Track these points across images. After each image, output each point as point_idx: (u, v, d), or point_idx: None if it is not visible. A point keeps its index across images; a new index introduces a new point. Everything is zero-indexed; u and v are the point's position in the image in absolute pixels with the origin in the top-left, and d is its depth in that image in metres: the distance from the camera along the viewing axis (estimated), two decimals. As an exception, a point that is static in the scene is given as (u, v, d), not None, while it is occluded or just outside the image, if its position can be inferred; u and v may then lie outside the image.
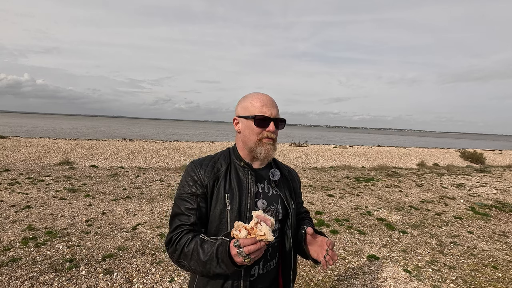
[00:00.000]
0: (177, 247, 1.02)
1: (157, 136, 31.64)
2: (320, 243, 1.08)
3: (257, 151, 1.12)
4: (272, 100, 1.14)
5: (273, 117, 1.11)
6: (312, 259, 1.11)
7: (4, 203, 4.92)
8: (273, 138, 1.12)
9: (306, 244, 1.12)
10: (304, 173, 9.77)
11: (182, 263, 1.02)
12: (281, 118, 1.15)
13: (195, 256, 0.97)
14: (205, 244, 0.97)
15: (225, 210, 1.07)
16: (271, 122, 1.10)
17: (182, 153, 12.42)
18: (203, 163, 1.14)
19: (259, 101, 1.12)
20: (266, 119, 1.10)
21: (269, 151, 1.11)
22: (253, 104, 1.12)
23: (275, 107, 1.13)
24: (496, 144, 53.33)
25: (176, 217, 1.09)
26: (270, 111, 1.10)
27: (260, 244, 0.85)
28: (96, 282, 2.83)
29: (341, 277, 3.19)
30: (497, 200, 7.16)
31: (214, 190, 1.09)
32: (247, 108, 1.13)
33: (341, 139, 45.51)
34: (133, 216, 4.72)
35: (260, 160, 1.15)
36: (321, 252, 1.06)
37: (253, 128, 1.11)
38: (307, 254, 1.12)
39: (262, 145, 1.11)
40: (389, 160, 14.74)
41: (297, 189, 1.31)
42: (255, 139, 1.11)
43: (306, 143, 19.59)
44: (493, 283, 3.21)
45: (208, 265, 0.94)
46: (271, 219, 0.92)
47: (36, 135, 19.25)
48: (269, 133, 1.10)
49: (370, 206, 6.08)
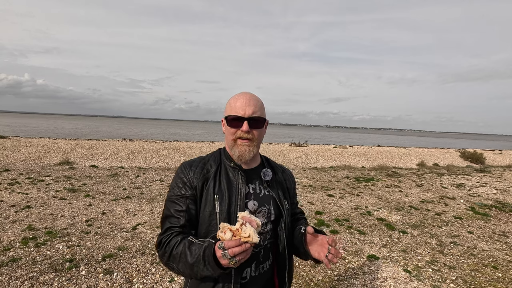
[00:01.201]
0: (166, 250, 1.01)
1: (157, 136, 31.64)
2: (321, 241, 1.05)
3: (232, 152, 1.11)
4: (252, 99, 1.09)
5: (247, 116, 1.06)
6: (313, 259, 1.07)
7: (4, 203, 4.92)
8: (248, 138, 1.08)
9: (307, 244, 1.08)
10: (304, 173, 9.77)
11: (171, 266, 1.01)
12: (256, 117, 1.08)
13: (183, 258, 0.96)
14: (192, 246, 0.95)
15: (215, 212, 1.05)
16: (244, 122, 1.06)
17: (182, 153, 12.42)
18: (192, 165, 1.13)
19: (236, 101, 1.09)
20: (238, 119, 1.07)
21: (244, 152, 1.08)
22: (231, 104, 1.10)
23: (252, 106, 1.07)
24: (496, 144, 53.34)
25: (166, 219, 1.08)
26: (244, 111, 1.06)
27: (245, 246, 0.84)
28: (96, 282, 2.83)
29: (341, 277, 3.19)
30: (497, 200, 7.16)
31: (204, 191, 1.08)
32: (226, 108, 1.13)
33: (341, 139, 45.52)
34: (133, 216, 4.72)
35: (237, 160, 1.12)
36: (323, 251, 1.03)
37: (228, 128, 1.10)
38: (308, 254, 1.08)
39: (237, 146, 1.09)
40: (389, 160, 14.73)
41: (291, 189, 1.29)
42: (230, 140, 1.10)
43: (306, 143, 19.59)
44: (493, 283, 3.21)
45: (195, 268, 0.93)
46: (257, 220, 0.91)
47: (36, 135, 19.25)
48: (242, 133, 1.07)
49: (370, 206, 6.08)
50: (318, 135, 61.50)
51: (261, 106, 1.12)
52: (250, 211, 1.08)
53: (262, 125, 1.12)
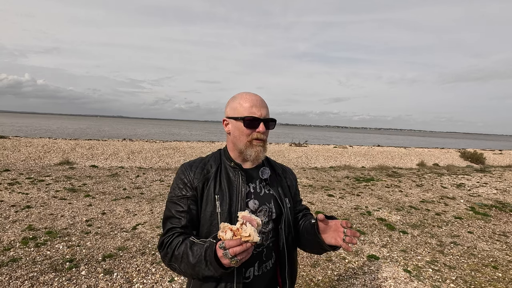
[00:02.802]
0: (168, 250, 1.01)
1: (157, 136, 31.64)
2: (335, 227, 1.01)
3: (247, 153, 1.10)
4: (262, 100, 1.12)
5: (263, 117, 1.08)
6: (329, 248, 1.03)
7: (4, 203, 4.92)
8: (263, 139, 1.10)
9: (320, 234, 1.04)
10: (304, 173, 9.77)
11: (173, 266, 1.01)
12: (271, 119, 1.12)
13: (185, 258, 0.96)
14: (194, 247, 0.96)
15: (215, 212, 1.06)
16: (261, 123, 1.08)
17: (182, 153, 12.42)
18: (193, 165, 1.14)
19: (248, 101, 1.09)
20: (255, 120, 1.08)
21: (259, 152, 1.10)
22: (242, 104, 1.09)
23: (265, 107, 1.10)
24: (496, 144, 53.32)
25: (168, 220, 1.08)
26: (259, 112, 1.08)
27: (246, 246, 0.84)
28: (96, 282, 2.83)
29: (341, 277, 3.19)
30: (497, 200, 7.16)
31: (204, 191, 1.09)
32: (236, 108, 1.11)
33: (341, 139, 45.51)
34: (133, 216, 4.72)
35: (250, 161, 1.13)
36: (339, 235, 0.98)
37: (243, 129, 1.09)
38: (323, 243, 1.03)
39: (252, 146, 1.09)
40: (389, 160, 14.73)
41: (293, 187, 1.29)
42: (245, 141, 1.10)
43: (306, 143, 19.59)
44: (493, 283, 3.21)
45: (197, 268, 0.93)
46: (257, 219, 0.91)
47: (36, 135, 19.24)
48: (259, 134, 1.08)
49: (370, 206, 6.08)
50: (318, 135, 61.50)
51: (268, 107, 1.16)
52: (251, 210, 1.09)
53: (274, 126, 1.15)
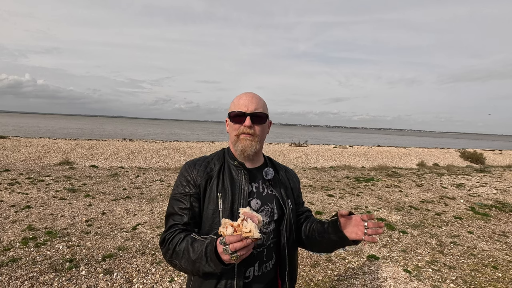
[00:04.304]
0: (169, 247, 1.02)
1: (157, 136, 31.64)
2: (355, 221, 1.00)
3: (235, 147, 1.13)
4: (254, 97, 1.13)
5: (249, 112, 1.10)
6: (350, 242, 1.02)
7: (4, 203, 4.92)
8: (250, 133, 1.10)
9: (341, 230, 1.02)
10: (304, 173, 9.77)
11: (174, 262, 1.02)
12: (258, 113, 1.11)
13: (186, 255, 0.97)
14: (195, 243, 0.97)
15: (218, 210, 1.07)
16: (247, 117, 1.09)
17: (182, 153, 12.42)
18: (196, 164, 1.15)
19: (240, 99, 1.13)
20: (240, 114, 1.10)
21: (246, 146, 1.10)
22: (234, 102, 1.14)
23: (255, 103, 1.11)
24: (496, 144, 53.32)
25: (170, 217, 1.10)
26: (246, 107, 1.10)
27: (247, 241, 0.84)
28: (96, 282, 2.83)
29: (341, 277, 3.19)
30: (497, 200, 7.16)
31: (207, 189, 1.10)
32: (230, 108, 1.16)
33: (341, 139, 45.51)
34: (133, 216, 4.72)
35: (239, 156, 1.14)
36: (360, 229, 0.98)
37: (231, 124, 1.13)
38: (345, 238, 1.01)
39: (240, 141, 1.11)
40: (389, 160, 14.73)
41: (295, 189, 1.29)
42: (234, 135, 1.13)
43: (306, 143, 19.59)
44: (493, 283, 3.21)
45: (197, 264, 0.94)
46: (258, 216, 0.91)
47: (36, 135, 19.24)
48: (245, 128, 1.10)
49: (370, 206, 6.08)
50: (318, 135, 61.50)
51: (263, 104, 1.15)
52: (252, 210, 1.09)
53: (265, 121, 1.15)
